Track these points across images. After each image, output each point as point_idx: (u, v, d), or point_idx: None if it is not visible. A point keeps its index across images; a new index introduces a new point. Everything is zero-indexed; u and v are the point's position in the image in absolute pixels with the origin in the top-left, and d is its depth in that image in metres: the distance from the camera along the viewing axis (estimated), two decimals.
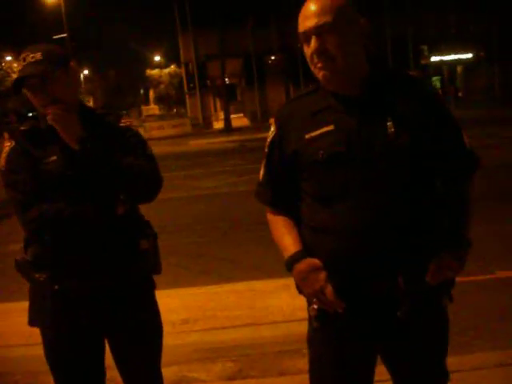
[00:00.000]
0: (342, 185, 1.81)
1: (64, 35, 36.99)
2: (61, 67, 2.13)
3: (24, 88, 2.12)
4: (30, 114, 2.30)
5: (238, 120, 35.40)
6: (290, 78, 33.53)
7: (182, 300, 4.92)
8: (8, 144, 2.17)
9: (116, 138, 2.20)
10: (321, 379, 2.00)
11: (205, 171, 14.46)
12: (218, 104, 41.57)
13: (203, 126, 35.94)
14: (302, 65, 31.40)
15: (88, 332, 2.21)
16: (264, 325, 4.30)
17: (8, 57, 46.24)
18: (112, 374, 2.43)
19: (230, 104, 34.34)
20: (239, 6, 33.54)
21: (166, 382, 2.49)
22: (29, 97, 2.15)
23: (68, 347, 2.21)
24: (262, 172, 2.03)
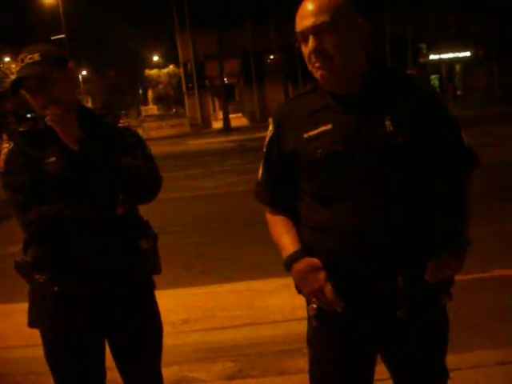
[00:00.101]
0: (341, 184, 1.81)
1: (62, 36, 36.98)
2: (59, 68, 2.12)
3: (22, 89, 2.12)
4: (29, 115, 2.29)
5: (237, 120, 35.41)
6: (289, 78, 33.49)
7: (182, 300, 4.92)
8: (6, 145, 2.16)
9: (115, 139, 2.20)
10: (321, 378, 2.00)
11: (204, 171, 14.46)
12: (217, 104, 41.60)
13: (202, 126, 35.92)
14: (301, 64, 31.31)
15: (88, 333, 2.21)
16: (264, 324, 4.30)
17: (6, 58, 46.17)
18: (112, 375, 2.43)
19: (229, 104, 34.35)
20: (237, 6, 33.51)
21: (166, 382, 2.49)
22: (27, 98, 2.15)
23: (68, 348, 2.21)
24: (261, 171, 2.03)
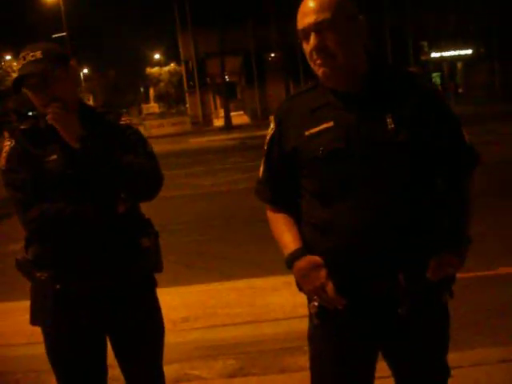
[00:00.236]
0: (342, 182, 1.81)
1: (63, 34, 36.98)
2: (61, 66, 2.12)
3: (24, 87, 2.12)
4: (30, 113, 2.29)
5: (238, 118, 35.41)
6: (290, 75, 33.46)
7: (183, 298, 4.93)
8: (8, 143, 2.16)
9: (116, 137, 2.20)
10: (321, 376, 2.00)
11: (205, 169, 14.46)
12: (218, 102, 41.57)
13: (203, 124, 35.93)
14: (302, 62, 31.37)
15: (89, 331, 2.21)
16: (265, 322, 4.30)
17: (8, 56, 46.20)
18: (114, 373, 2.43)
19: (230, 102, 34.33)
20: (239, 4, 33.48)
21: (168, 380, 2.49)
22: (29, 96, 2.15)
23: (69, 346, 2.21)
24: (262, 169, 2.03)
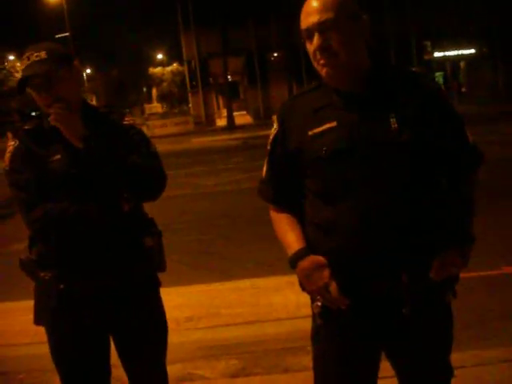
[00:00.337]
0: (344, 182, 1.81)
1: (66, 34, 37.02)
2: (65, 66, 2.13)
3: (28, 87, 2.12)
4: (34, 114, 2.30)
5: (241, 117, 35.41)
6: (293, 75, 33.46)
7: (186, 298, 4.93)
8: (12, 143, 2.17)
9: (119, 136, 2.20)
10: (324, 376, 2.00)
11: (208, 169, 14.47)
12: (221, 102, 41.58)
13: (206, 124, 35.93)
14: (305, 61, 31.35)
15: (92, 331, 2.21)
16: (268, 322, 4.31)
17: (11, 56, 46.27)
18: (117, 373, 2.44)
19: (233, 102, 34.34)
20: (241, 4, 33.47)
21: (171, 380, 2.49)
22: (33, 96, 2.15)
23: (72, 346, 2.21)
24: (265, 169, 2.03)
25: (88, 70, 63.62)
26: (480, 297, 4.32)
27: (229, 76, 34.68)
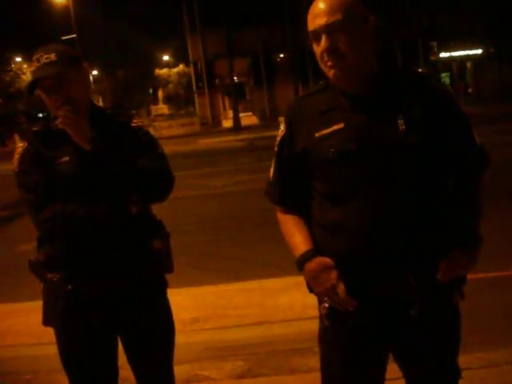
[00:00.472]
0: (352, 184, 1.81)
1: (73, 36, 37.12)
2: (74, 67, 2.14)
3: (38, 89, 2.13)
4: (40, 115, 2.30)
5: (247, 118, 35.44)
6: (299, 76, 33.45)
7: (193, 298, 4.94)
8: (21, 145, 2.18)
9: (127, 138, 2.21)
10: (332, 377, 2.00)
11: (214, 170, 14.48)
12: (227, 103, 41.64)
13: (212, 125, 35.95)
14: (311, 63, 31.35)
15: (100, 332, 2.22)
16: (275, 323, 4.30)
17: (18, 58, 46.42)
18: (125, 374, 2.44)
19: (239, 103, 34.37)
20: (247, 5, 33.50)
21: (177, 380, 2.50)
22: (43, 98, 2.16)
23: (80, 347, 2.22)
24: (272, 171, 2.03)
25: (94, 72, 63.80)
26: (488, 298, 4.30)
27: (235, 77, 34.73)
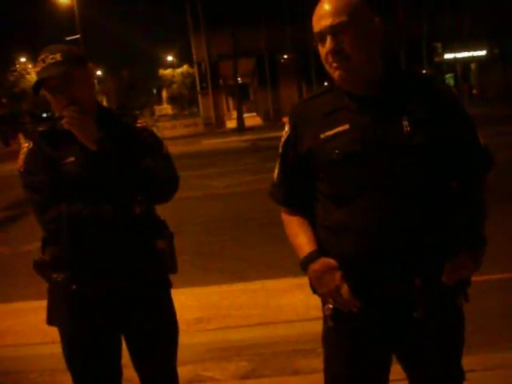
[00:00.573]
0: (356, 185, 1.81)
1: (77, 36, 37.16)
2: (79, 68, 2.14)
3: (44, 89, 2.13)
4: (45, 115, 2.31)
5: (251, 119, 35.48)
6: (303, 77, 33.45)
7: (196, 299, 4.94)
8: (26, 145, 2.19)
9: (133, 139, 2.22)
10: (335, 378, 2.00)
11: (218, 170, 14.49)
12: (231, 103, 41.70)
13: (216, 126, 35.96)
14: (315, 64, 31.36)
15: (104, 332, 2.23)
16: (278, 324, 4.30)
17: (22, 58, 46.52)
18: (129, 374, 2.45)
19: (243, 103, 34.44)
20: (251, 6, 33.51)
21: (181, 381, 2.50)
22: (48, 98, 2.16)
23: (84, 347, 2.23)
24: (277, 172, 2.03)
25: (99, 72, 63.91)
26: (491, 300, 4.29)
27: (239, 78, 34.74)
